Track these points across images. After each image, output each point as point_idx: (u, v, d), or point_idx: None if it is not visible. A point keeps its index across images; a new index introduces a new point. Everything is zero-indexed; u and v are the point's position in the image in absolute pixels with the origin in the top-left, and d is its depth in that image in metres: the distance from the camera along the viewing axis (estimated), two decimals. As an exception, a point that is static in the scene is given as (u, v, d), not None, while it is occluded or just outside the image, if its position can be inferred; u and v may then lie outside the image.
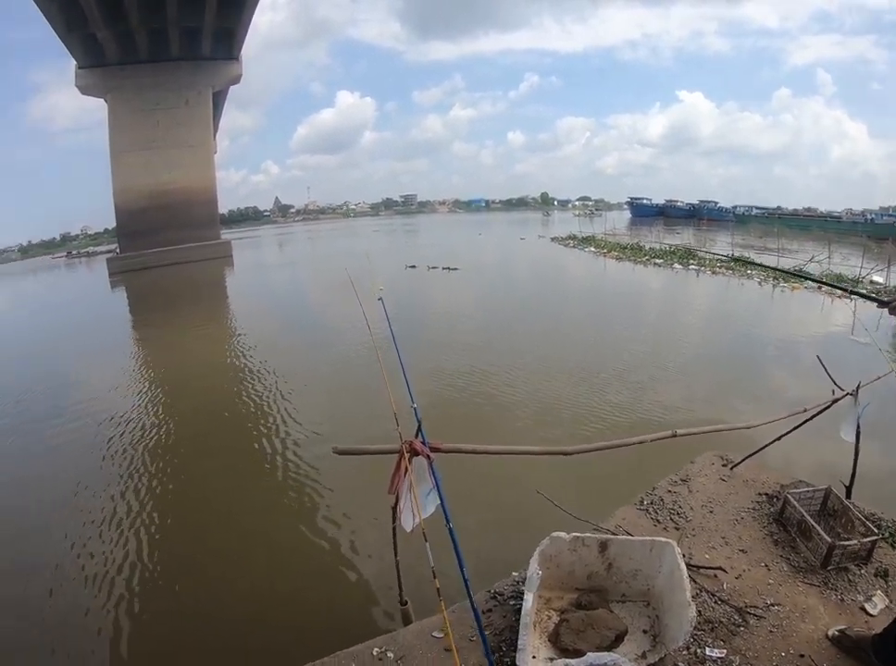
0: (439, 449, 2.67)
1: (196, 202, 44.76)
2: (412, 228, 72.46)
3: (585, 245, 35.99)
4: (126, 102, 42.48)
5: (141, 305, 28.67)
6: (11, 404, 12.48)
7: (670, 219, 60.27)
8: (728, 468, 4.80)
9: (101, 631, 5.34)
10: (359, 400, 10.30)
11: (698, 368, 11.71)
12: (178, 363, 15.25)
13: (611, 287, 23.44)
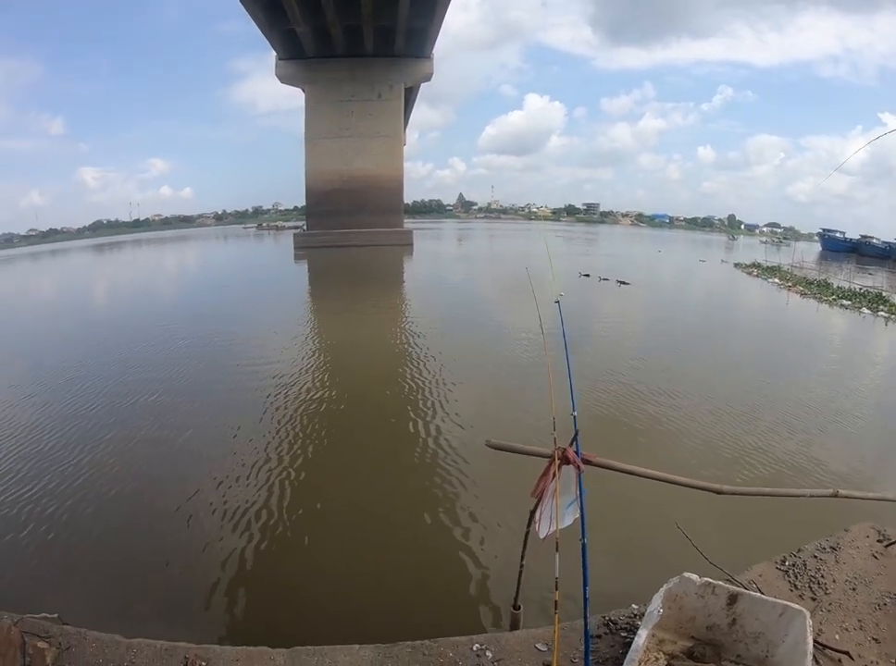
0: (591, 461, 2.68)
1: (383, 189, 47.41)
2: (592, 238, 71.43)
3: (769, 275, 33.44)
4: (322, 92, 46.45)
5: (320, 279, 31.11)
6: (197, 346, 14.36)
7: (863, 257, 54.14)
8: (883, 544, 4.28)
9: (224, 563, 5.99)
10: (520, 401, 10.43)
11: (876, 431, 10.47)
12: (347, 336, 16.44)
13: (790, 325, 21.53)
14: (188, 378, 12.44)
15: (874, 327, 20.80)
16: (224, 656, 2.91)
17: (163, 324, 17.87)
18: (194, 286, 27.43)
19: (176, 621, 4.96)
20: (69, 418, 10.01)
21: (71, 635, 2.95)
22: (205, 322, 18.20)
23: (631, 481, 6.29)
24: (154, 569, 5.87)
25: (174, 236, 69.30)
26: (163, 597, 5.44)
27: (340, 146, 46.56)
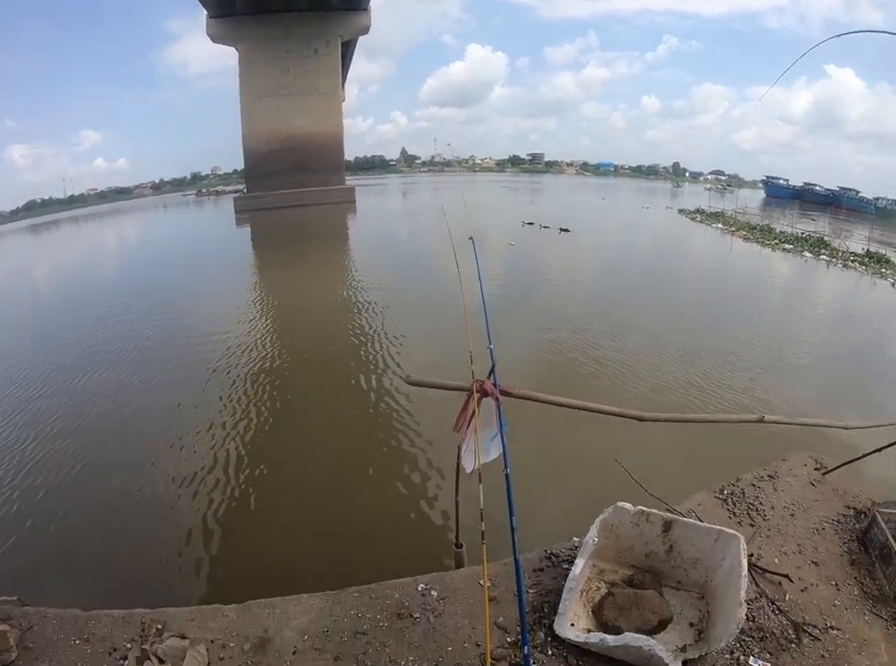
0: (509, 393, 2.63)
1: (323, 147, 46.03)
2: (537, 187, 71.38)
3: (712, 221, 34.13)
4: (256, 50, 44.21)
5: (263, 242, 30.39)
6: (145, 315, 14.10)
7: (806, 204, 55.59)
8: (820, 473, 4.43)
9: (178, 528, 6.02)
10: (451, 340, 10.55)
11: (813, 369, 10.88)
12: (293, 296, 16.37)
13: (733, 269, 22.01)
14: (137, 354, 12.07)
15: (815, 271, 21.49)
16: (178, 617, 2.93)
17: (108, 303, 17.05)
18: (135, 261, 26.31)
19: (134, 589, 4.88)
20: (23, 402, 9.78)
21: (32, 615, 2.96)
22: (149, 296, 17.55)
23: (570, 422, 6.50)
24: (110, 541, 5.85)
25: (111, 209, 66.42)
26: (121, 567, 5.41)
27: (277, 105, 44.81)
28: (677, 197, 62.04)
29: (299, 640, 2.80)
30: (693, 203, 43.55)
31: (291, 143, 44.69)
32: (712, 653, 2.67)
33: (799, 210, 44.34)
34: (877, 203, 56.19)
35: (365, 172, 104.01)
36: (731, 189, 69.37)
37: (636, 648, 2.54)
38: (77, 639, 2.82)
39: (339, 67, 47.25)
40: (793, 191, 64.99)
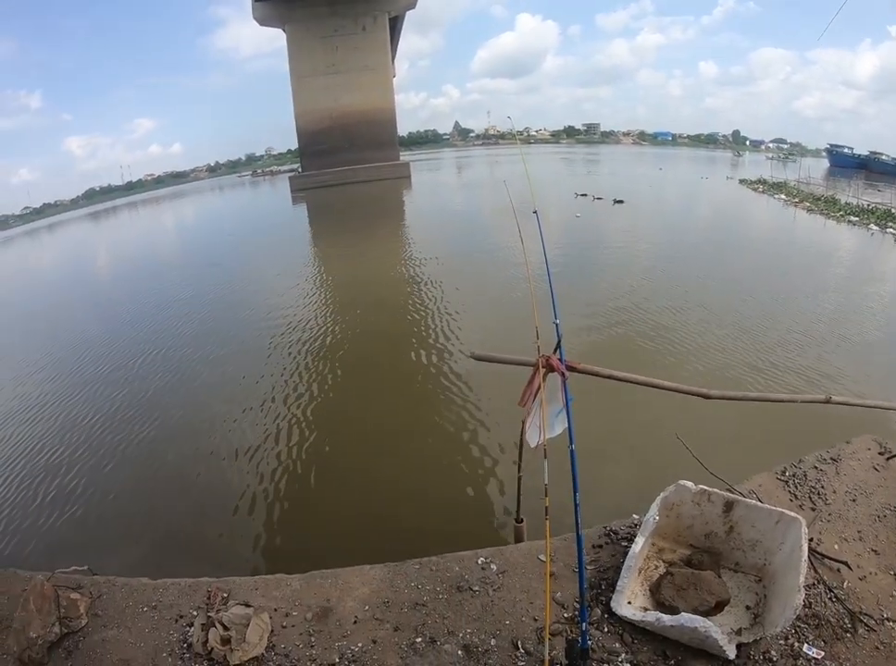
0: (575, 368, 2.64)
1: (375, 123, 46.12)
2: (593, 158, 69.81)
3: (775, 191, 32.68)
4: (304, 30, 44.41)
5: (320, 219, 30.87)
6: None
7: (873, 174, 52.46)
8: (884, 458, 4.26)
9: (242, 498, 6.28)
10: (517, 316, 10.56)
11: (881, 348, 10.40)
12: (351, 271, 16.62)
13: (797, 242, 21.14)
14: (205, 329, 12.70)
15: (882, 245, 20.43)
16: (243, 585, 3.06)
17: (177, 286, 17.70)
18: (199, 243, 27.20)
19: (201, 559, 5.20)
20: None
21: (101, 583, 3.11)
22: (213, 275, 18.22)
23: (632, 398, 6.46)
24: (175, 512, 6.17)
25: (169, 193, 68.45)
26: (187, 538, 5.70)
27: (327, 83, 45.05)
28: (737, 167, 59.70)
29: (360, 610, 2.90)
30: (754, 173, 41.87)
31: (343, 121, 44.97)
32: (766, 638, 2.64)
33: (865, 180, 42.05)
34: (948, 171, 52.65)
35: (418, 147, 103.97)
36: (794, 158, 66.35)
37: (691, 629, 2.54)
38: (145, 607, 2.97)
39: (387, 43, 47.02)
40: (859, 160, 61.49)
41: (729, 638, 2.60)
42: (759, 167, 48.53)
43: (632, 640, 2.70)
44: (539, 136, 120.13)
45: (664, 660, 2.61)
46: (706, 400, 2.92)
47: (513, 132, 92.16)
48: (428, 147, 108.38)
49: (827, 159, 66.82)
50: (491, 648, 2.69)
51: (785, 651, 2.67)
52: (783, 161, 58.84)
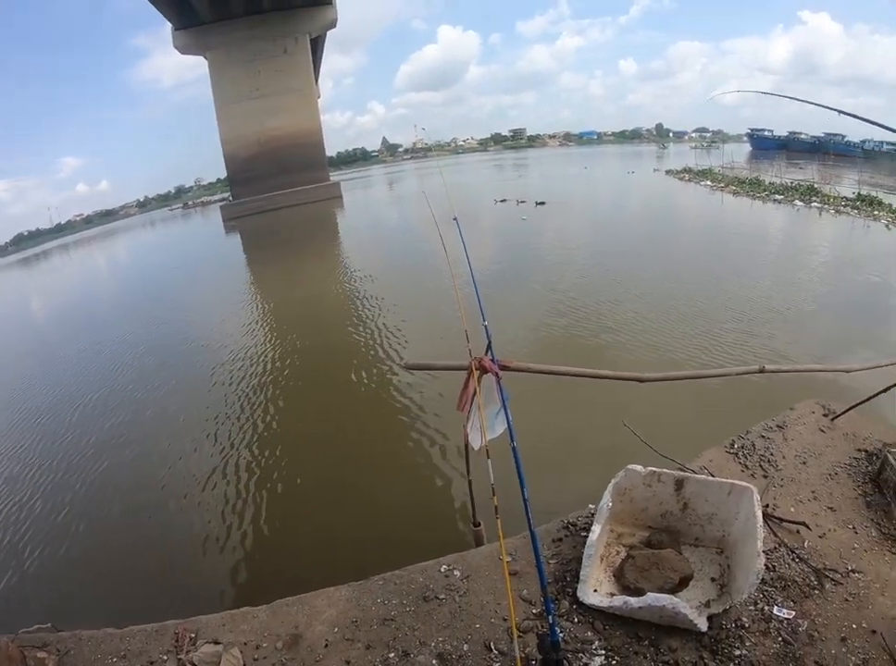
0: (508, 366, 2.64)
1: (303, 145, 45.77)
2: (522, 163, 71.09)
3: (701, 179, 33.92)
4: (225, 56, 43.71)
5: (254, 246, 30.43)
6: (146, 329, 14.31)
7: (793, 153, 55.28)
8: (828, 419, 4.44)
9: (200, 536, 6.05)
10: (449, 322, 10.64)
11: (816, 316, 10.89)
12: (288, 295, 16.47)
13: (725, 224, 21.92)
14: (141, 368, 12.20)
15: (808, 218, 21.40)
16: (210, 623, 2.97)
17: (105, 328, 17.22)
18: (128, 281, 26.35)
19: (164, 601, 4.98)
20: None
21: (67, 639, 2.99)
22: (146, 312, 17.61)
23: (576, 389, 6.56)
24: (132, 557, 5.93)
25: (100, 233, 66.43)
26: (148, 581, 5.48)
27: (252, 108, 44.44)
28: (663, 158, 61.70)
29: (329, 633, 2.84)
30: (680, 163, 43.29)
31: (271, 145, 44.46)
32: (736, 606, 2.69)
33: (786, 160, 44.08)
34: (863, 145, 55.80)
35: (348, 166, 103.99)
36: (716, 145, 68.84)
37: (660, 608, 2.57)
38: (114, 657, 2.85)
39: (310, 64, 46.85)
40: (779, 141, 64.52)
41: (699, 611, 2.65)
42: (684, 157, 50.15)
43: (604, 627, 2.71)
44: (466, 145, 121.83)
45: (638, 642, 2.63)
46: (642, 383, 2.96)
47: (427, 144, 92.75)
48: (357, 165, 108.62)
49: (749, 143, 69.76)
50: (464, 654, 2.66)
51: (756, 616, 2.73)
52: (706, 149, 60.87)
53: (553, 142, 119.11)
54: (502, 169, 62.61)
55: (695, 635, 2.62)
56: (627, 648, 2.61)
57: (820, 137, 61.50)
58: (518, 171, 58.12)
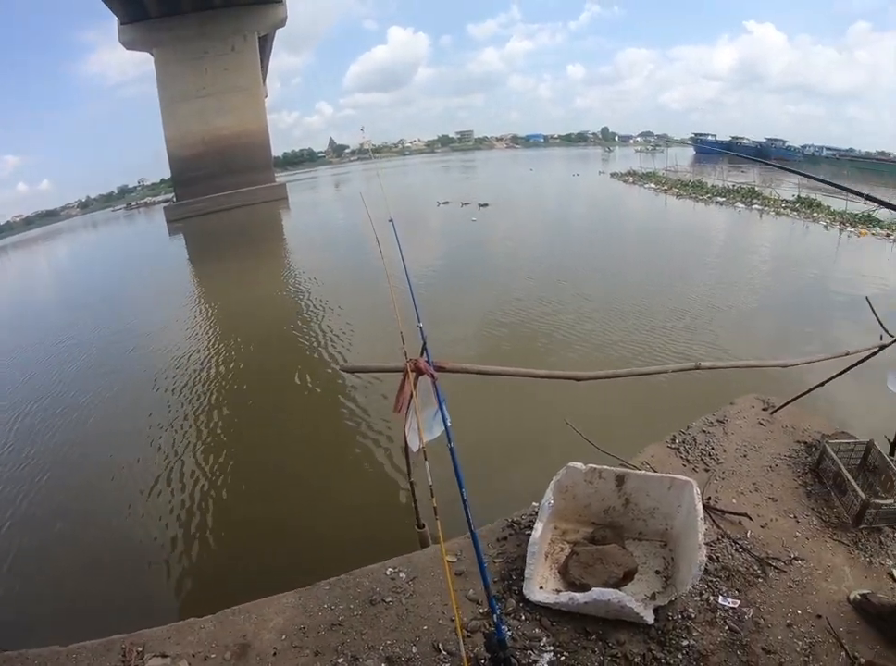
0: (444, 368, 2.63)
1: (249, 146, 44.94)
2: (469, 165, 71.39)
3: (645, 181, 34.74)
4: (172, 52, 42.49)
5: (198, 248, 29.71)
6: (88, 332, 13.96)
7: (735, 157, 57.33)
8: (767, 412, 4.60)
9: (145, 547, 5.90)
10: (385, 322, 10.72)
11: (756, 314, 11.29)
12: (232, 299, 16.10)
13: (669, 226, 22.52)
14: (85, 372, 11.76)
15: (749, 220, 22.17)
16: (156, 636, 2.88)
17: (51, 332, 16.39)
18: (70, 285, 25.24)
19: (109, 616, 4.77)
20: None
21: (14, 658, 2.87)
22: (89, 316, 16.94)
23: (519, 390, 6.65)
24: (75, 572, 5.69)
25: (41, 234, 63.32)
26: (92, 596, 5.28)
27: (198, 107, 43.34)
28: (609, 162, 62.89)
29: (278, 640, 2.78)
30: (625, 166, 44.23)
31: (216, 145, 43.44)
32: (681, 597, 2.75)
33: (728, 163, 45.56)
34: (804, 150, 58.49)
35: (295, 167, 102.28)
36: (661, 148, 70.58)
37: (605, 602, 2.60)
38: None
39: (258, 63, 46.03)
40: (722, 145, 66.63)
41: (645, 604, 2.69)
42: (629, 160, 51.27)
43: (551, 623, 2.72)
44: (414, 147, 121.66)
45: (586, 637, 2.65)
46: (580, 382, 2.99)
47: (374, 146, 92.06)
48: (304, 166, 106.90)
49: (693, 147, 71.86)
50: (413, 656, 2.64)
51: (702, 606, 2.79)
52: (651, 152, 62.29)
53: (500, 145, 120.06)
54: (448, 171, 62.91)
55: (642, 628, 2.66)
56: (575, 644, 2.63)
57: (762, 142, 64.07)
58: (465, 173, 58.48)
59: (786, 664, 2.53)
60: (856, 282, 12.91)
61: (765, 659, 2.55)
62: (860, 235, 18.03)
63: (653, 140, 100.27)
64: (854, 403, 6.63)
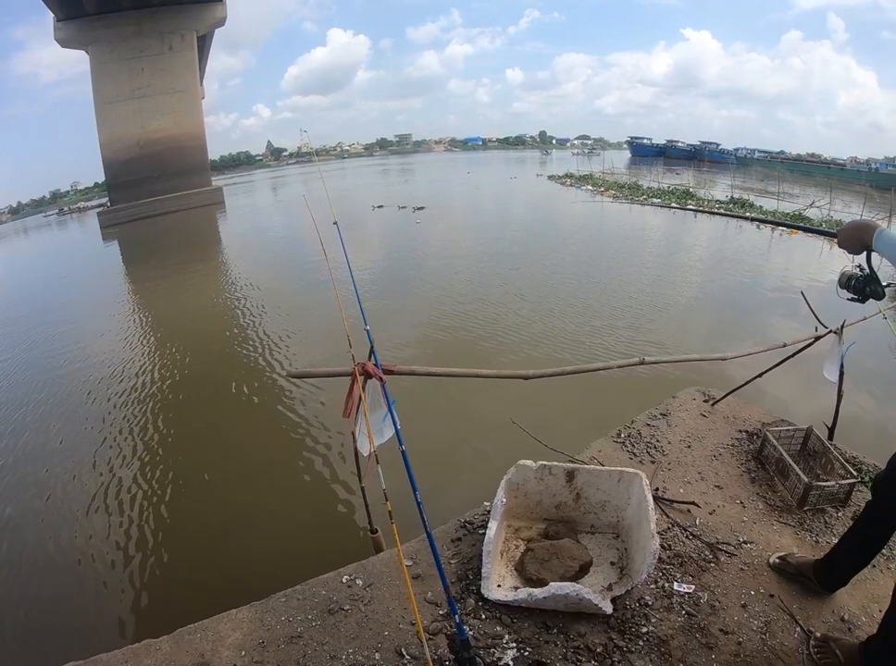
0: (392, 371, 2.62)
1: (186, 149, 43.96)
2: (408, 168, 71.66)
3: (582, 183, 35.51)
4: (108, 51, 41.17)
5: (134, 255, 28.64)
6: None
7: (671, 160, 59.20)
8: (709, 404, 4.76)
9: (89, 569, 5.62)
10: (328, 327, 10.66)
11: (694, 310, 11.71)
12: (168, 307, 15.61)
13: (605, 227, 23.07)
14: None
15: (684, 221, 22.94)
16: (111, 661, 2.73)
17: None
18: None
19: (61, 643, 4.66)
20: None
21: None
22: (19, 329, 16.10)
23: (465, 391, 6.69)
24: (25, 600, 5.38)
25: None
26: (41, 623, 5.01)
27: (134, 108, 42.05)
28: (546, 164, 64.18)
29: (237, 657, 2.68)
30: (562, 169, 45.17)
31: (151, 149, 42.26)
32: (637, 586, 2.81)
33: (664, 166, 46.96)
34: (736, 153, 61.11)
35: (232, 170, 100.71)
36: (597, 151, 72.42)
37: (564, 596, 2.63)
38: None
39: (195, 63, 44.99)
40: (657, 148, 68.89)
41: (602, 595, 2.72)
42: (566, 163, 52.34)
43: (512, 620, 2.73)
44: (352, 150, 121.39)
45: (547, 631, 2.67)
46: (527, 381, 3.03)
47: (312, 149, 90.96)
48: (241, 169, 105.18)
49: (629, 150, 73.97)
50: (377, 663, 2.59)
51: (658, 593, 2.85)
52: (588, 155, 63.80)
53: (438, 148, 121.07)
54: (387, 174, 62.89)
55: (602, 618, 2.70)
56: (537, 638, 2.65)
57: (696, 145, 66.60)
58: (403, 176, 58.64)
59: (744, 643, 2.60)
60: (789, 278, 13.55)
61: (724, 639, 2.62)
62: (791, 234, 18.94)
63: (590, 143, 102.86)
64: (792, 392, 6.94)
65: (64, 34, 41.41)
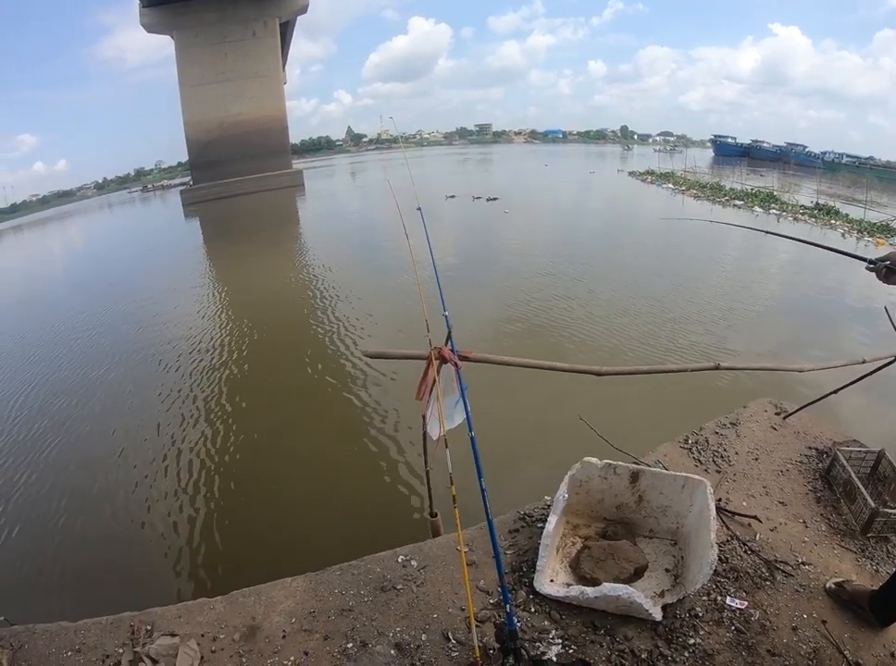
0: (467, 357, 2.64)
1: (267, 131, 44.94)
2: (487, 158, 71.16)
3: (663, 181, 34.47)
4: (193, 37, 42.49)
5: (213, 233, 29.80)
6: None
7: (755, 161, 56.64)
8: (780, 417, 4.58)
9: (159, 526, 5.93)
10: (401, 312, 10.88)
11: (771, 318, 11.22)
12: (247, 283, 16.13)
13: (686, 228, 22.34)
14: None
15: (766, 225, 21.84)
16: (166, 615, 2.89)
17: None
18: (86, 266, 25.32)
19: (119, 593, 4.86)
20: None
21: (21, 633, 2.86)
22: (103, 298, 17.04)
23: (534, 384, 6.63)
24: (86, 549, 5.75)
25: (56, 214, 63.57)
26: (102, 573, 5.33)
27: (217, 92, 43.40)
28: (626, 160, 62.59)
29: (287, 624, 2.79)
30: (643, 165, 43.95)
31: (234, 131, 43.50)
32: (689, 596, 2.75)
33: (747, 167, 45.11)
34: (824, 157, 57.77)
35: (311, 154, 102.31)
36: (680, 149, 70.10)
37: (615, 597, 2.61)
38: (69, 651, 2.76)
39: (278, 49, 45.92)
40: (741, 148, 65.84)
41: (654, 601, 2.69)
42: (647, 159, 50.84)
43: (560, 616, 2.74)
44: (431, 138, 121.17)
45: (594, 631, 2.66)
46: (599, 377, 2.99)
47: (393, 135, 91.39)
48: (321, 154, 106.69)
49: (712, 149, 71.23)
50: (422, 643, 2.66)
51: (709, 606, 2.79)
52: (670, 152, 61.90)
53: (518, 139, 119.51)
54: (465, 163, 62.69)
55: (650, 624, 2.67)
56: (583, 637, 2.64)
57: (782, 146, 63.37)
58: (483, 166, 58.26)
59: (790, 667, 2.52)
60: (873, 291, 12.79)
61: (770, 661, 2.55)
62: (877, 244, 17.80)
63: (672, 140, 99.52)
64: (867, 412, 6.59)
65: (149, 20, 42.94)
